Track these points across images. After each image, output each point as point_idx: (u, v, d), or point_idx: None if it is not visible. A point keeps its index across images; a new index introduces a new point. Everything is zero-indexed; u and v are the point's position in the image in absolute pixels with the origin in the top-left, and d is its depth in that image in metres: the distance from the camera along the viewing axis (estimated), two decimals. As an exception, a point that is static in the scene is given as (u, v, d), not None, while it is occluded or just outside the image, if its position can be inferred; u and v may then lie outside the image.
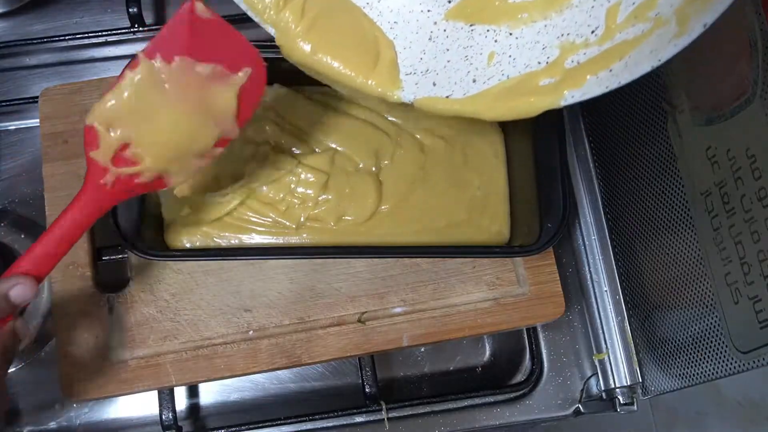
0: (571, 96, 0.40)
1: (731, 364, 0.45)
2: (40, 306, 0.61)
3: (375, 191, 0.55)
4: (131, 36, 0.65)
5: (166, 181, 0.45)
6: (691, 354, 0.50)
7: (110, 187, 0.43)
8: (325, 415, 0.58)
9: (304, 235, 0.54)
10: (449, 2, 0.47)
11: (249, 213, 0.53)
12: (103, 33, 0.64)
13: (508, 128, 0.58)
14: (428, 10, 0.47)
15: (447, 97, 0.45)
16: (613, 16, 0.41)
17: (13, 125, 0.67)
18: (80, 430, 0.61)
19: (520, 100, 0.43)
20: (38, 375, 0.62)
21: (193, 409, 0.63)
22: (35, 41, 0.64)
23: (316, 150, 0.56)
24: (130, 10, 0.64)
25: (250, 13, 0.46)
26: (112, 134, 0.42)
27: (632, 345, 0.60)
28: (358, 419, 0.59)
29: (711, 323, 0.47)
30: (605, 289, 0.61)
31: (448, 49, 0.46)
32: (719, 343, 0.46)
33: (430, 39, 0.47)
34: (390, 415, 0.59)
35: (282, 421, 0.58)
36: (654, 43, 0.37)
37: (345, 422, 0.59)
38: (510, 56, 0.44)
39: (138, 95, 0.42)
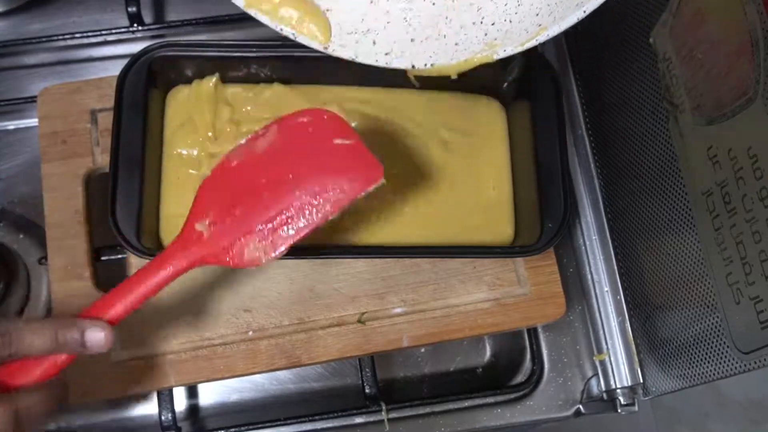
0: (503, 51, 0.44)
1: (732, 364, 0.45)
2: (39, 306, 0.61)
3: (396, 193, 0.54)
4: (130, 35, 0.65)
5: None
6: (692, 354, 0.50)
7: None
8: (325, 415, 0.58)
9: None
10: None
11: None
12: (102, 32, 0.64)
13: (509, 128, 0.58)
14: None
15: (386, 54, 0.47)
16: None
17: (11, 125, 0.67)
18: (80, 431, 0.61)
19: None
20: (37, 375, 0.62)
21: (193, 409, 0.63)
22: (33, 41, 0.64)
23: None
24: (129, 9, 0.64)
25: None
26: None
27: (633, 345, 0.60)
28: (358, 420, 0.59)
29: (712, 324, 0.47)
30: (606, 289, 0.61)
31: (388, 11, 0.48)
32: (720, 344, 0.46)
33: (371, 2, 0.48)
34: (390, 416, 0.58)
35: (282, 422, 0.58)
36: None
37: (345, 423, 0.59)
38: (447, 18, 0.47)
39: None
